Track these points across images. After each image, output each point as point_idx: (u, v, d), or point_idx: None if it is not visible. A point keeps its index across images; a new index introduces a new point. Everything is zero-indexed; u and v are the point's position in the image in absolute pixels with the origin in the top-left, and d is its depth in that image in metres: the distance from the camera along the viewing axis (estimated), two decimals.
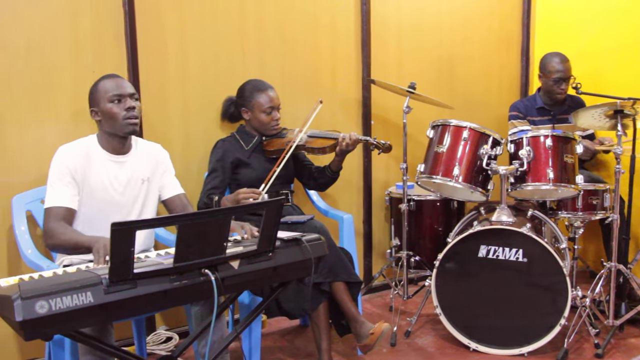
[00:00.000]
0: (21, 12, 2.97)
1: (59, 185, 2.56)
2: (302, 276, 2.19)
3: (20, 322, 1.56)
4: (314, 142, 3.23)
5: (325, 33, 3.89)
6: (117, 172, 2.67)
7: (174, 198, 2.83)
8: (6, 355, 3.09)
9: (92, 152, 2.64)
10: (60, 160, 2.58)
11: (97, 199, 2.63)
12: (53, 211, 2.53)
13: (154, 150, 2.85)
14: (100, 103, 2.61)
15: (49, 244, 2.51)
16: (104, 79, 2.64)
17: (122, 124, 2.59)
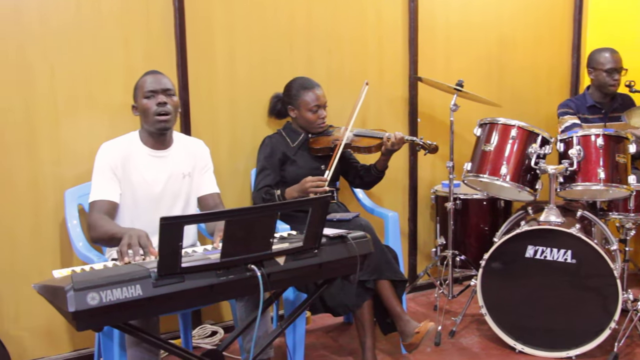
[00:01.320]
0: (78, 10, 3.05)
1: (101, 180, 2.62)
2: (347, 273, 2.19)
3: (73, 313, 1.59)
4: (360, 141, 3.22)
5: (372, 30, 3.88)
6: (158, 167, 2.72)
7: (207, 196, 2.86)
8: (58, 345, 3.18)
9: (133, 148, 2.70)
10: (102, 157, 2.65)
11: (139, 194, 2.69)
12: (96, 205, 2.60)
13: (196, 145, 2.88)
14: (138, 99, 2.68)
15: (92, 237, 2.57)
16: (144, 76, 2.71)
17: (153, 119, 2.64)
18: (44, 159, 3.04)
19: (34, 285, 1.88)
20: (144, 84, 2.67)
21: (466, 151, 3.67)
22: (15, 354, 2.83)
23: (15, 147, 2.98)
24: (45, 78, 3.01)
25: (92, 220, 2.55)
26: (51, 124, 3.04)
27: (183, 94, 3.29)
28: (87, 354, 3.20)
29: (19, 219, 3.02)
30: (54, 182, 3.06)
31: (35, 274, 3.04)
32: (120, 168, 2.65)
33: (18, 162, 2.99)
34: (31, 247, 3.06)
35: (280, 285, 2.15)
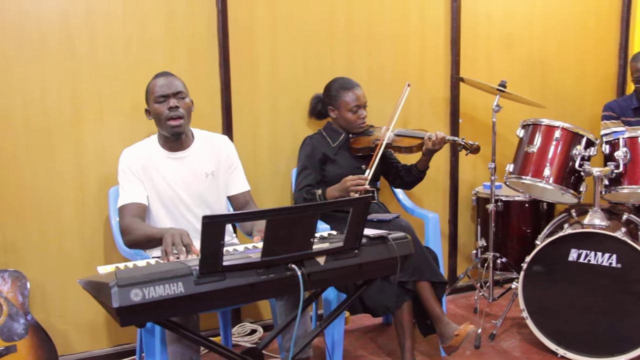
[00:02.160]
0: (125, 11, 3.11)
1: (127, 184, 2.66)
2: (387, 274, 2.18)
3: (117, 309, 1.62)
4: (401, 141, 3.21)
5: (413, 30, 3.86)
6: (179, 168, 2.73)
7: (238, 195, 2.87)
8: (102, 340, 3.25)
9: (152, 152, 2.72)
10: (123, 163, 2.69)
11: (163, 197, 2.71)
12: (126, 209, 2.63)
13: (218, 142, 2.87)
14: (150, 103, 2.69)
15: (127, 241, 2.58)
16: (154, 78, 2.71)
17: (166, 124, 2.64)
18: (89, 158, 3.11)
19: (80, 281, 1.91)
20: (154, 88, 2.66)
21: (508, 152, 3.63)
22: (60, 347, 2.89)
23: (64, 147, 3.05)
24: (92, 79, 3.08)
25: (125, 225, 2.58)
26: (96, 124, 3.11)
27: (225, 94, 3.32)
28: (129, 349, 3.26)
29: (65, 217, 3.09)
30: (98, 181, 3.12)
31: (81, 270, 3.10)
32: (142, 172, 2.68)
33: (66, 162, 3.07)
34: (77, 244, 3.13)
35: (320, 285, 2.15)
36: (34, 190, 3.02)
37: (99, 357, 3.22)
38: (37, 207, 3.03)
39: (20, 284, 2.77)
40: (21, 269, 2.82)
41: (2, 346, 2.65)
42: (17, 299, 2.74)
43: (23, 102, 2.96)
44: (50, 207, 3.06)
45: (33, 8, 2.94)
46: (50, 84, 3.01)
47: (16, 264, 2.96)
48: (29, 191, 3.01)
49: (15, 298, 2.74)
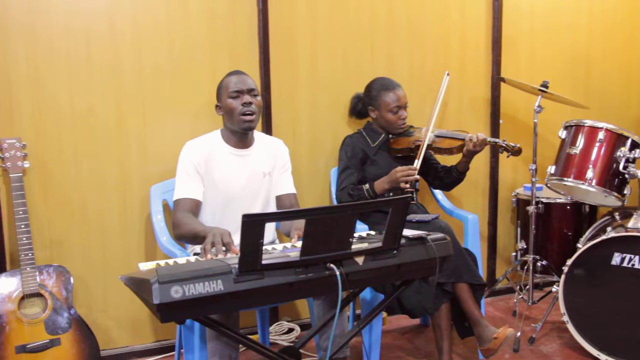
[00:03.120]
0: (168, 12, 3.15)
1: (186, 178, 2.70)
2: (426, 275, 2.17)
3: (157, 305, 1.64)
4: (441, 142, 3.19)
5: (454, 29, 3.84)
6: (239, 165, 2.77)
7: (284, 196, 2.90)
8: (142, 335, 3.30)
9: (215, 147, 2.76)
10: (186, 155, 2.73)
11: (220, 192, 2.75)
12: (180, 203, 2.68)
13: (276, 145, 2.93)
14: (222, 98, 2.74)
15: (176, 234, 2.64)
16: (228, 76, 2.76)
17: (239, 119, 2.68)
18: (132, 157, 3.16)
19: (121, 277, 1.95)
20: (228, 84, 2.72)
21: (550, 154, 3.59)
22: (102, 342, 2.95)
23: (106, 145, 3.11)
24: (135, 79, 3.13)
25: (177, 219, 2.63)
26: (138, 123, 3.16)
27: (265, 94, 3.34)
28: (169, 345, 3.30)
29: (108, 214, 3.15)
30: (140, 179, 3.17)
31: (122, 266, 3.16)
32: (204, 166, 2.72)
33: (108, 160, 3.12)
34: (119, 241, 3.18)
35: (358, 285, 2.15)
36: (78, 188, 3.08)
37: (139, 352, 3.27)
38: (81, 204, 3.10)
39: (64, 279, 2.83)
40: (65, 265, 2.88)
41: (47, 339, 2.72)
42: (61, 294, 2.80)
43: (70, 102, 3.03)
44: (94, 204, 3.12)
45: (81, 7, 3.01)
46: (96, 84, 3.06)
47: (60, 260, 3.02)
48: (73, 189, 3.07)
49: (60, 292, 2.80)
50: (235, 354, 2.31)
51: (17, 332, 2.69)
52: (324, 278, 1.86)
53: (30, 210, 2.89)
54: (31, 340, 2.69)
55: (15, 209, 2.75)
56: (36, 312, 2.76)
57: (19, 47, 2.93)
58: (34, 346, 2.69)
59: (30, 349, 2.69)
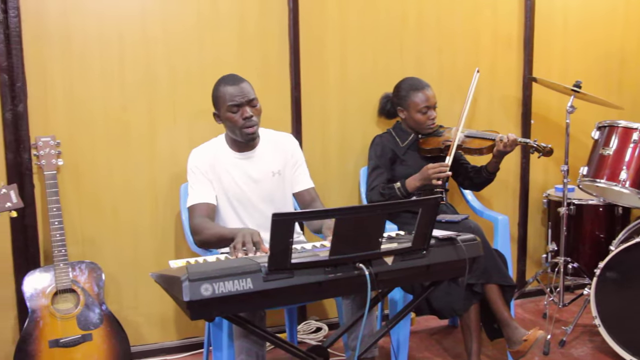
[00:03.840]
0: (199, 15, 3.18)
1: (196, 184, 2.71)
2: (455, 276, 2.15)
3: (187, 302, 1.66)
4: (471, 142, 3.17)
5: (485, 28, 3.81)
6: (247, 168, 2.76)
7: (303, 192, 2.88)
8: (171, 332, 3.33)
9: (220, 152, 2.76)
10: (192, 163, 2.74)
11: (231, 197, 2.75)
12: (195, 209, 2.68)
13: (284, 141, 2.89)
14: (221, 110, 2.69)
15: (197, 240, 2.64)
16: (223, 85, 2.67)
17: (241, 132, 2.66)
18: (163, 156, 3.20)
19: (152, 274, 1.97)
20: (225, 96, 2.64)
21: (582, 155, 3.54)
22: (132, 338, 2.97)
23: (139, 145, 3.15)
24: (166, 80, 3.16)
25: (196, 225, 2.63)
26: (169, 123, 3.19)
27: (295, 93, 3.35)
28: (198, 343, 3.33)
29: (139, 212, 3.19)
30: (170, 178, 3.20)
31: (153, 263, 3.20)
32: (211, 172, 2.72)
33: (140, 159, 3.16)
34: (149, 238, 3.22)
35: (387, 285, 2.14)
36: (110, 186, 3.12)
37: (169, 349, 3.31)
38: (113, 202, 3.14)
39: (96, 275, 2.87)
40: (97, 261, 2.93)
41: (79, 334, 2.76)
42: (93, 290, 2.84)
43: (103, 101, 3.08)
44: (125, 202, 3.16)
45: (114, 11, 3.05)
46: (128, 85, 3.11)
47: (92, 256, 3.07)
48: (106, 187, 3.12)
49: (91, 289, 2.84)
50: (263, 352, 2.32)
51: (50, 326, 2.73)
52: (353, 278, 1.86)
53: (64, 207, 2.94)
54: (64, 335, 2.74)
55: (49, 206, 2.80)
56: (69, 308, 2.80)
57: (55, 48, 2.98)
58: (66, 341, 2.74)
59: (63, 344, 2.73)
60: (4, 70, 2.88)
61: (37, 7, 2.93)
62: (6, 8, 2.85)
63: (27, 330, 2.71)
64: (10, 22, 2.86)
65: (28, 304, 2.74)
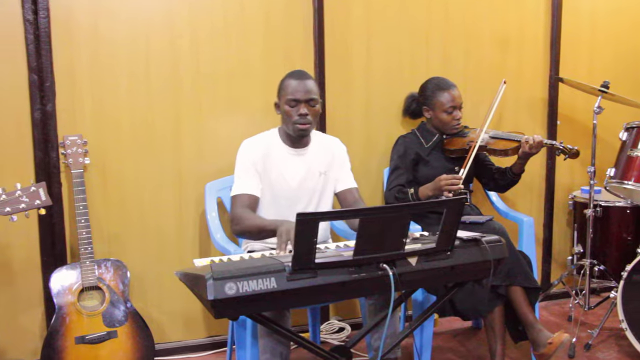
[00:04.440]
0: (224, 14, 3.20)
1: (244, 175, 2.72)
2: (479, 277, 2.14)
3: (211, 301, 1.67)
4: (496, 143, 3.14)
5: (511, 28, 3.78)
6: (295, 164, 2.78)
7: (345, 192, 2.88)
8: (195, 330, 3.36)
9: (272, 146, 2.77)
10: (244, 153, 2.75)
11: (276, 191, 2.76)
12: (239, 199, 2.69)
13: (332, 144, 2.92)
14: (281, 101, 2.73)
15: (236, 230, 2.66)
16: (289, 77, 2.72)
17: (293, 127, 2.68)
18: (188, 154, 3.22)
19: (176, 273, 1.98)
20: (288, 88, 2.69)
21: (609, 156, 3.50)
22: (156, 336, 3.00)
23: (164, 143, 3.18)
24: (192, 79, 3.19)
25: (236, 214, 2.65)
26: (195, 122, 3.21)
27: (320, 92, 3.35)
28: (221, 341, 3.35)
29: (164, 210, 3.22)
30: (195, 176, 3.23)
31: (177, 261, 3.22)
32: (261, 164, 2.74)
33: (165, 157, 3.19)
34: (174, 237, 3.24)
35: (410, 285, 2.14)
36: (136, 184, 3.15)
37: (192, 347, 3.33)
38: (139, 200, 3.17)
39: (121, 273, 2.90)
40: (122, 259, 2.95)
41: (105, 331, 2.79)
42: (118, 287, 2.87)
43: (129, 100, 3.11)
44: (151, 200, 3.18)
45: (142, 10, 3.08)
46: (154, 84, 3.13)
47: (118, 254, 3.10)
48: (131, 185, 3.15)
49: (117, 286, 2.87)
50: (286, 352, 2.33)
51: (76, 323, 2.77)
52: (376, 278, 1.86)
53: (90, 205, 2.98)
54: (90, 331, 2.77)
55: (76, 204, 2.83)
56: (94, 305, 2.84)
57: (82, 48, 3.01)
58: (92, 337, 2.77)
59: (89, 340, 2.76)
60: (33, 71, 2.93)
61: (66, 8, 2.97)
62: (36, 9, 2.89)
63: (54, 326, 2.75)
64: (40, 22, 2.90)
65: (55, 301, 2.78)
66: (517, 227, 3.37)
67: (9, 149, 2.96)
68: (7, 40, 2.91)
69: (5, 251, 3.00)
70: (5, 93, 2.93)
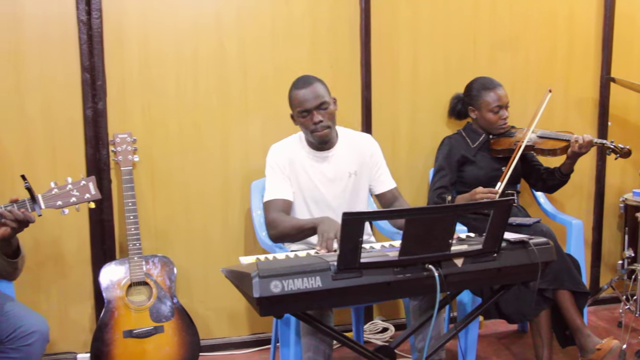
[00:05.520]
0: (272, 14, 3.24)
1: (274, 180, 2.74)
2: (526, 280, 2.11)
3: (257, 299, 1.69)
4: (544, 143, 3.09)
5: (561, 28, 3.71)
6: (323, 167, 2.77)
7: (386, 192, 2.87)
8: (239, 327, 3.39)
9: (297, 150, 2.78)
10: (271, 158, 2.77)
11: (306, 195, 2.77)
12: (272, 203, 2.71)
13: (362, 142, 2.88)
14: (295, 114, 2.71)
15: (273, 234, 2.66)
16: (294, 89, 2.69)
17: (313, 136, 2.67)
18: (234, 153, 3.26)
19: (223, 270, 2.01)
20: (295, 100, 2.67)
21: None
22: (201, 332, 3.04)
23: (211, 141, 3.23)
24: (239, 79, 3.23)
25: (272, 219, 2.66)
26: (241, 121, 3.25)
27: (365, 92, 3.36)
28: (265, 339, 3.37)
29: (210, 208, 3.26)
30: (241, 175, 3.26)
31: (222, 259, 3.26)
32: (288, 168, 2.75)
33: (212, 155, 3.23)
34: (219, 234, 3.28)
35: (456, 287, 2.12)
36: (183, 182, 3.20)
37: (236, 344, 3.37)
38: (186, 197, 3.21)
39: (168, 269, 2.95)
40: (169, 255, 3.01)
41: (152, 326, 2.84)
42: (165, 283, 2.92)
43: (177, 99, 3.16)
44: (197, 198, 3.23)
45: (189, 10, 3.13)
46: (201, 84, 3.18)
47: (165, 250, 3.15)
48: (178, 183, 3.20)
49: (164, 282, 2.92)
50: (329, 351, 2.33)
51: (125, 317, 2.82)
52: (422, 279, 1.85)
53: (138, 202, 3.04)
54: (137, 326, 2.83)
55: (125, 201, 2.89)
56: (142, 300, 2.89)
57: (133, 48, 3.08)
58: (139, 332, 2.82)
59: (137, 334, 2.82)
60: (86, 70, 3.00)
61: (117, 9, 3.03)
62: (90, 10, 2.96)
63: (103, 319, 2.81)
64: (93, 23, 2.97)
65: (104, 295, 2.85)
66: (565, 230, 3.31)
67: (62, 145, 3.04)
68: (61, 40, 3.00)
69: (57, 243, 3.08)
70: (59, 91, 3.02)
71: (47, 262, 3.07)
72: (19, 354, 2.20)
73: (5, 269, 2.38)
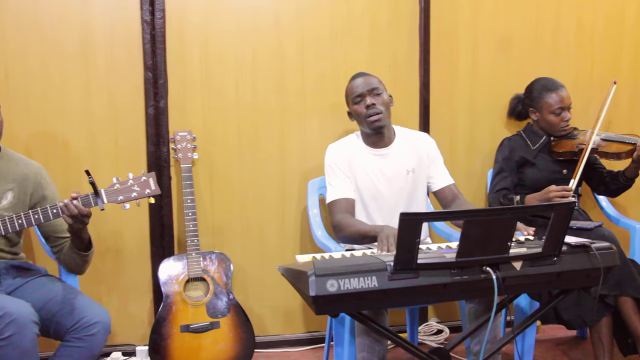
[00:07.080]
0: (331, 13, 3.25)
1: (335, 180, 2.75)
2: (587, 286, 2.06)
3: (313, 297, 1.69)
4: (609, 146, 3.01)
5: (628, 25, 3.61)
6: (381, 165, 2.77)
7: (444, 189, 2.85)
8: (294, 325, 3.42)
9: (356, 149, 2.79)
10: (330, 158, 2.79)
11: (364, 194, 2.77)
12: (335, 205, 2.72)
13: (419, 140, 2.88)
14: (349, 105, 2.77)
15: (339, 237, 2.70)
16: (349, 82, 2.78)
17: (367, 122, 2.69)
18: (292, 152, 3.29)
19: (279, 267, 2.02)
20: (350, 90, 2.76)
21: None
22: (257, 329, 3.07)
23: (269, 140, 3.27)
24: (297, 78, 3.25)
25: (337, 221, 2.68)
26: (299, 120, 3.28)
27: (424, 92, 3.34)
28: (319, 337, 3.39)
29: (267, 206, 3.30)
30: (298, 174, 3.29)
31: (278, 256, 3.29)
32: (347, 168, 2.76)
33: (269, 154, 3.27)
34: (276, 232, 3.31)
35: (514, 290, 2.08)
36: (240, 179, 3.25)
37: (291, 342, 3.39)
38: (243, 195, 3.26)
39: (225, 266, 2.99)
40: (226, 252, 3.05)
41: (208, 321, 2.89)
42: (222, 279, 2.96)
43: (236, 98, 3.21)
44: (254, 196, 3.27)
45: (249, 9, 3.18)
46: (260, 83, 3.22)
47: (221, 247, 3.20)
48: (236, 180, 3.24)
49: (220, 278, 2.96)
50: (384, 351, 2.33)
51: (182, 312, 2.88)
52: (479, 281, 1.83)
53: (197, 199, 3.08)
54: (194, 321, 2.88)
55: (184, 198, 2.94)
56: (199, 295, 2.94)
57: (194, 47, 3.14)
58: (196, 327, 2.87)
59: (193, 329, 2.87)
60: (148, 69, 3.07)
61: (180, 10, 3.10)
62: (153, 10, 3.04)
63: (162, 314, 2.87)
64: (156, 23, 3.04)
65: (162, 289, 2.91)
66: (628, 235, 3.22)
67: (124, 142, 3.12)
68: (126, 40, 3.08)
69: (118, 238, 3.17)
70: (123, 89, 3.10)
71: (109, 255, 3.16)
72: (83, 343, 2.27)
73: (76, 262, 2.48)
